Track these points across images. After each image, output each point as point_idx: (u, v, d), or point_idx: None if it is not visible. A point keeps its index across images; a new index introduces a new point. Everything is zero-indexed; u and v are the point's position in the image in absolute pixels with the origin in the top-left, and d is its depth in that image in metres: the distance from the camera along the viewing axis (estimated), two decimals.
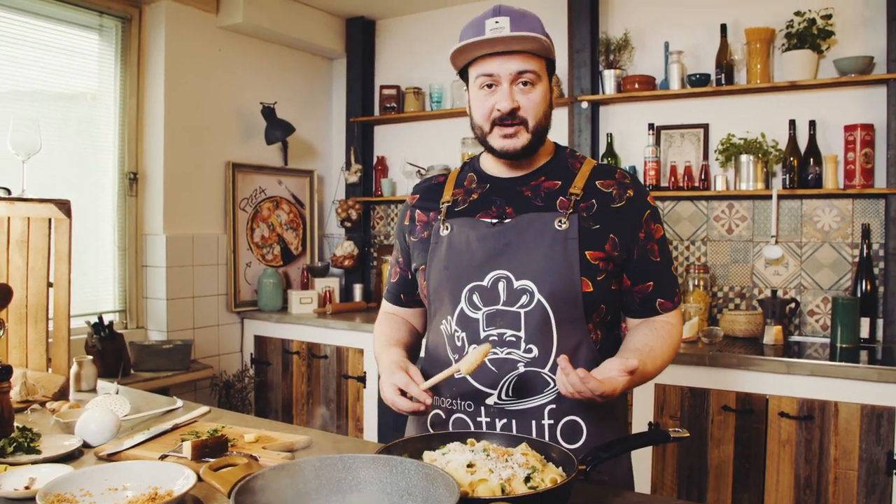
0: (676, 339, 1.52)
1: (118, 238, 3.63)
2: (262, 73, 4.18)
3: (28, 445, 1.58)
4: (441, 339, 1.53)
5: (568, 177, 1.50)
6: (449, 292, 1.48)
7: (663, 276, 1.51)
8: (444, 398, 1.53)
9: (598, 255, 1.43)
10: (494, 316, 1.43)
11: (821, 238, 3.25)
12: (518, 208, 1.48)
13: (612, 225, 1.45)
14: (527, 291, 1.41)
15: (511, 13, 1.41)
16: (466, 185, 1.59)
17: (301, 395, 3.91)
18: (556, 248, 1.41)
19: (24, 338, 2.14)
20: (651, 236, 1.49)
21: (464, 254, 1.47)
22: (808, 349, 3.00)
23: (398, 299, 1.74)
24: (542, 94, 1.44)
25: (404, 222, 1.66)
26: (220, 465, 1.15)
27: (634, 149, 3.65)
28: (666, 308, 1.52)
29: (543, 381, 1.43)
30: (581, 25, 3.66)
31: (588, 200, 1.46)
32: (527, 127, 1.44)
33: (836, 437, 2.63)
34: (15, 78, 3.20)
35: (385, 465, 1.08)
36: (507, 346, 1.43)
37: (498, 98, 1.42)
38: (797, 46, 3.19)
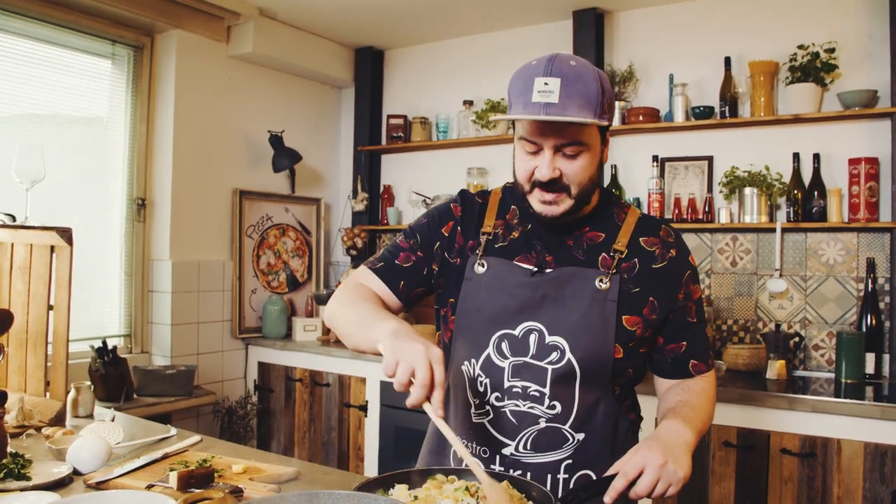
0: (711, 393, 1.47)
1: (125, 263, 3.67)
2: (272, 102, 4.24)
3: (18, 472, 1.58)
4: (462, 380, 1.49)
5: (612, 229, 1.44)
6: (478, 336, 1.44)
7: (698, 338, 1.47)
8: (460, 438, 1.49)
9: (635, 321, 1.40)
10: (521, 368, 1.40)
11: (826, 272, 3.23)
12: (558, 258, 1.43)
13: (653, 287, 1.41)
14: (558, 348, 1.38)
15: (563, 73, 1.27)
16: (508, 218, 1.50)
17: (303, 422, 3.90)
18: (594, 309, 1.38)
19: (23, 363, 2.16)
20: (690, 296, 1.45)
21: (497, 299, 1.42)
22: (813, 384, 2.97)
23: (396, 284, 1.53)
24: (589, 161, 1.34)
25: (443, 230, 1.53)
26: (196, 499, 1.15)
27: (639, 181, 3.66)
28: (699, 370, 1.47)
29: (563, 436, 1.41)
30: (585, 57, 3.67)
31: (631, 260, 1.42)
32: (569, 193, 1.35)
33: (839, 476, 2.58)
34: (28, 103, 3.26)
35: (356, 501, 1.07)
36: (531, 401, 1.40)
37: (539, 164, 1.33)
38: (801, 80, 3.20)
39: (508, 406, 1.42)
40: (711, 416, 1.45)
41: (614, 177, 3.65)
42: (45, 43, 3.30)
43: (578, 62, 1.30)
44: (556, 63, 1.29)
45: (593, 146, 1.35)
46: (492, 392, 1.43)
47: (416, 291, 1.56)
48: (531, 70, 1.30)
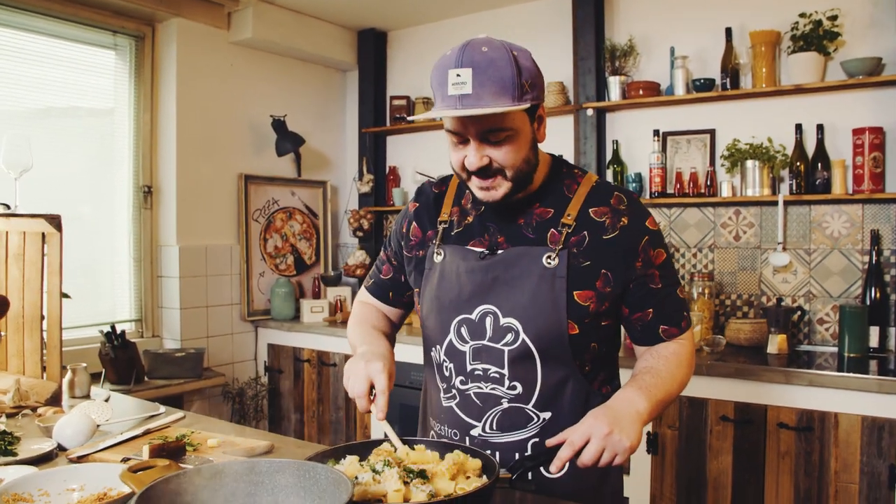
0: (685, 359, 1.44)
1: (133, 249, 3.74)
2: (275, 86, 4.27)
3: (5, 448, 1.65)
4: (432, 365, 1.54)
5: (561, 203, 1.43)
6: (439, 323, 1.47)
7: (666, 303, 1.44)
8: (435, 422, 1.54)
9: (588, 295, 1.38)
10: (480, 351, 1.42)
11: (830, 244, 3.18)
12: (510, 238, 1.43)
13: (604, 259, 1.38)
14: (512, 329, 1.39)
15: (474, 62, 1.25)
16: (463, 203, 1.52)
17: (312, 402, 3.96)
18: (542, 287, 1.37)
19: (21, 346, 2.23)
20: (650, 263, 1.41)
21: (454, 285, 1.44)
22: (818, 359, 2.93)
23: (386, 296, 1.67)
24: (519, 144, 1.33)
25: (402, 229, 1.61)
26: (140, 467, 1.18)
27: (640, 155, 3.62)
28: (671, 335, 1.44)
29: (527, 416, 1.42)
30: (585, 33, 3.66)
31: (580, 233, 1.39)
32: (505, 176, 1.34)
33: (837, 450, 2.56)
34: (35, 98, 3.33)
35: (297, 469, 1.10)
36: (492, 382, 1.42)
37: (468, 153, 1.33)
38: (803, 49, 3.13)
39: (472, 388, 1.45)
40: (682, 380, 1.43)
41: (615, 152, 3.62)
42: (49, 36, 3.36)
43: (491, 47, 1.28)
44: (466, 52, 1.27)
45: (520, 129, 1.33)
46: (456, 376, 1.46)
47: (407, 295, 1.66)
48: (445, 61, 1.29)
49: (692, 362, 1.46)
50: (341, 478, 1.05)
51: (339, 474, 1.06)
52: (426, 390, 1.61)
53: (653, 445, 2.88)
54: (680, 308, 1.46)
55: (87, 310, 3.54)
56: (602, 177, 3.66)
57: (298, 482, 1.11)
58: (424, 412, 1.63)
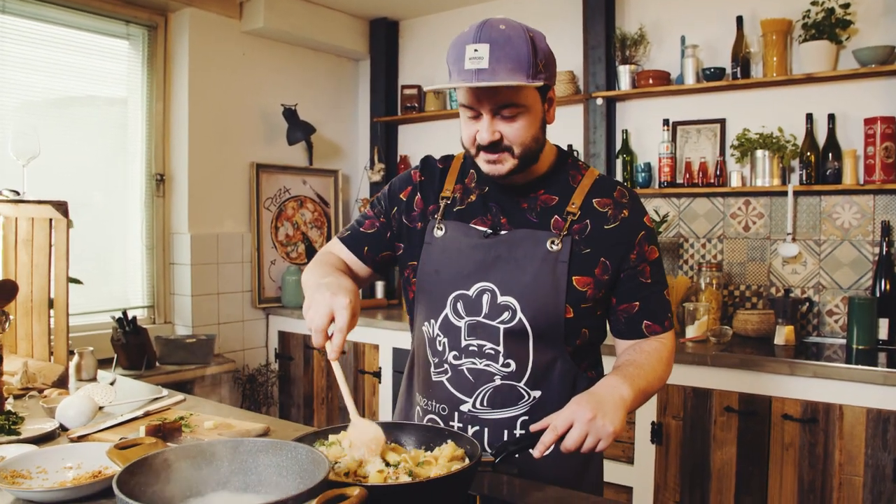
0: (666, 357, 1.47)
1: (146, 237, 3.79)
2: (287, 76, 4.29)
3: (9, 428, 1.69)
4: (423, 340, 1.55)
5: (566, 192, 1.47)
6: (436, 297, 1.49)
7: (653, 299, 1.47)
8: (422, 397, 1.55)
9: (586, 281, 1.42)
10: (476, 327, 1.44)
11: (840, 235, 3.15)
12: (513, 220, 1.46)
13: (604, 248, 1.43)
14: (509, 308, 1.41)
15: (492, 38, 1.29)
16: (467, 182, 1.54)
17: (321, 389, 4.00)
18: (544, 270, 1.41)
19: (30, 330, 2.28)
20: (643, 258, 1.46)
21: (454, 261, 1.47)
22: (827, 350, 2.92)
23: (360, 250, 1.60)
24: (529, 121, 1.36)
25: (402, 195, 1.58)
26: (127, 445, 1.21)
27: (650, 145, 3.61)
28: (653, 331, 1.48)
29: (518, 393, 1.44)
30: (596, 21, 3.64)
31: (583, 221, 1.44)
32: (512, 153, 1.38)
33: (841, 442, 2.54)
34: (49, 85, 3.38)
35: (278, 448, 1.12)
36: (486, 359, 1.44)
37: (480, 128, 1.36)
38: (815, 37, 3.10)
39: (466, 364, 1.46)
40: (661, 376, 1.45)
41: (625, 141, 3.61)
42: (62, 26, 3.40)
43: (508, 25, 1.32)
44: (485, 29, 1.31)
45: (532, 107, 1.36)
46: (450, 351, 1.48)
47: (382, 255, 1.62)
48: (463, 38, 1.33)
49: (671, 361, 1.49)
50: (320, 457, 1.07)
51: (318, 454, 1.08)
52: (412, 367, 1.62)
53: (657, 435, 2.88)
54: (665, 308, 1.50)
55: (100, 296, 3.60)
56: (612, 167, 3.66)
57: (281, 461, 1.13)
58: (409, 389, 1.63)
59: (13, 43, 3.22)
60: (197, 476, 1.10)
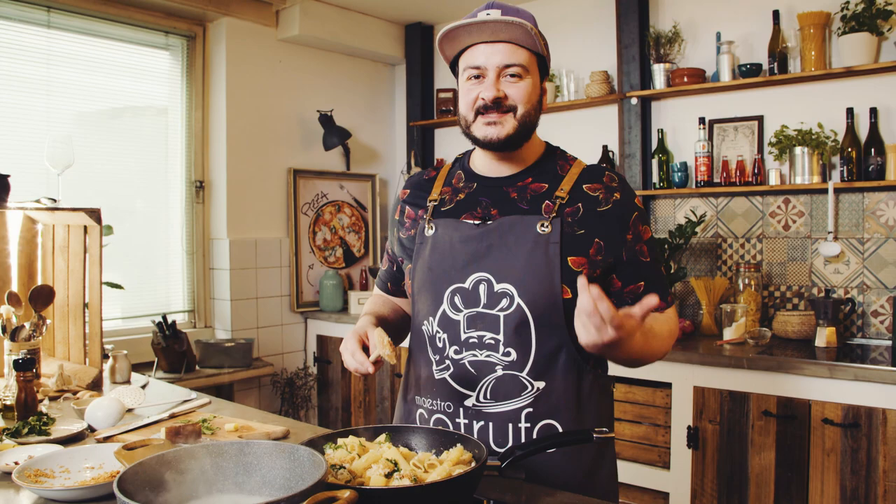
0: (670, 328, 1.49)
1: (186, 242, 3.88)
2: (323, 82, 4.35)
3: (40, 428, 1.75)
4: (423, 340, 1.54)
5: (555, 179, 1.49)
6: (432, 293, 1.49)
7: (655, 277, 1.49)
8: (425, 398, 1.54)
9: (581, 262, 1.42)
10: (475, 318, 1.44)
11: (884, 233, 3.04)
12: (503, 210, 1.47)
13: (598, 229, 1.44)
14: (507, 295, 1.41)
15: (502, 6, 1.41)
16: (455, 183, 1.57)
17: (359, 392, 4.03)
18: (537, 253, 1.41)
19: (67, 334, 2.35)
20: (639, 237, 1.48)
21: (447, 255, 1.48)
22: (872, 353, 2.82)
23: (385, 287, 1.75)
24: (532, 86, 1.43)
25: (395, 216, 1.66)
26: (135, 446, 1.24)
27: (686, 144, 3.54)
28: (659, 308, 1.48)
29: (521, 384, 1.43)
30: (629, 20, 3.59)
31: (574, 204, 1.45)
32: (515, 114, 1.42)
33: (885, 448, 2.45)
34: (94, 97, 3.49)
35: (281, 451, 1.13)
36: (487, 349, 1.43)
37: (483, 87, 1.42)
38: (855, 29, 3.00)
39: (467, 357, 1.45)
40: (662, 342, 1.45)
41: (661, 140, 3.55)
42: (105, 39, 3.52)
43: (514, 3, 1.47)
44: (495, 2, 1.44)
45: (534, 77, 1.45)
46: (450, 346, 1.47)
47: (402, 284, 1.69)
48: (474, 11, 1.45)
49: (673, 337, 1.50)
50: (319, 459, 1.08)
51: (318, 457, 1.09)
52: (409, 370, 1.61)
53: (693, 440, 2.82)
54: (665, 284, 1.52)
55: (142, 300, 3.70)
56: (647, 166, 3.60)
57: (285, 463, 1.14)
58: (406, 393, 1.62)
59: (58, 57, 3.34)
60: (200, 478, 1.12)
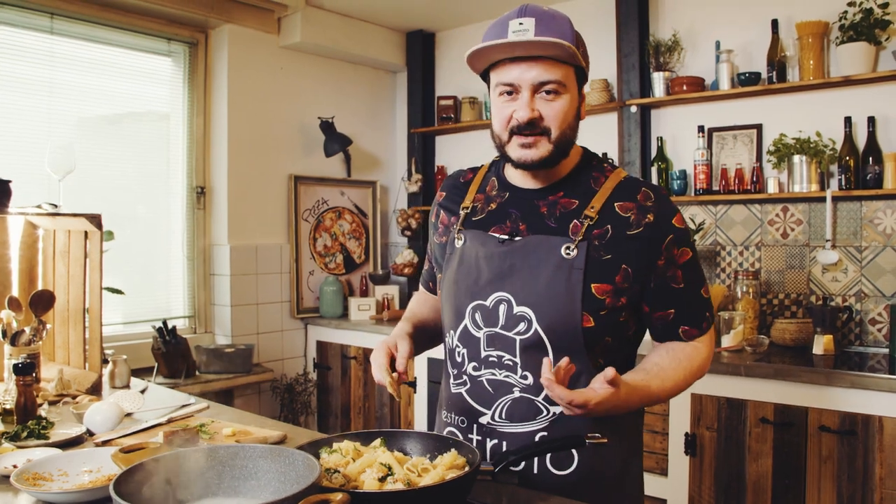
0: (698, 362, 1.42)
1: (187, 248, 3.90)
2: (325, 88, 4.37)
3: (39, 432, 1.76)
4: (446, 353, 1.54)
5: (587, 195, 1.41)
6: (455, 307, 1.47)
7: (688, 303, 1.41)
8: (444, 411, 1.54)
9: (605, 289, 1.35)
10: (494, 338, 1.41)
11: (882, 241, 3.05)
12: (531, 226, 1.42)
13: (626, 255, 1.36)
14: (525, 319, 1.37)
15: (538, 14, 1.31)
16: (488, 190, 1.52)
17: (358, 398, 4.04)
18: (558, 278, 1.35)
19: (67, 338, 2.37)
20: (673, 262, 1.39)
21: (472, 270, 1.44)
22: (870, 360, 2.82)
23: (428, 286, 1.74)
24: (569, 103, 1.35)
25: (431, 219, 1.66)
26: (132, 448, 1.25)
27: (685, 152, 3.55)
28: (691, 336, 1.42)
29: (537, 408, 1.40)
30: (629, 29, 3.61)
31: (602, 226, 1.37)
32: (549, 137, 1.35)
33: (882, 455, 2.46)
34: (96, 103, 3.52)
35: (276, 455, 1.14)
36: (506, 370, 1.40)
37: (517, 106, 1.34)
38: (853, 39, 3.02)
39: (485, 375, 1.43)
40: (686, 378, 1.40)
41: (660, 149, 3.56)
42: (108, 45, 3.54)
43: (551, 9, 1.35)
44: (528, 8, 1.33)
45: (571, 91, 1.36)
46: (469, 362, 1.45)
47: None
48: (506, 16, 1.35)
49: (705, 365, 1.44)
50: (314, 463, 1.09)
51: (312, 461, 1.10)
52: (442, 380, 1.60)
53: (691, 447, 2.83)
54: (702, 309, 1.43)
55: (143, 306, 3.72)
56: (647, 174, 3.62)
57: (279, 467, 1.15)
58: (438, 402, 1.62)
59: (61, 62, 3.36)
60: (196, 480, 1.13)
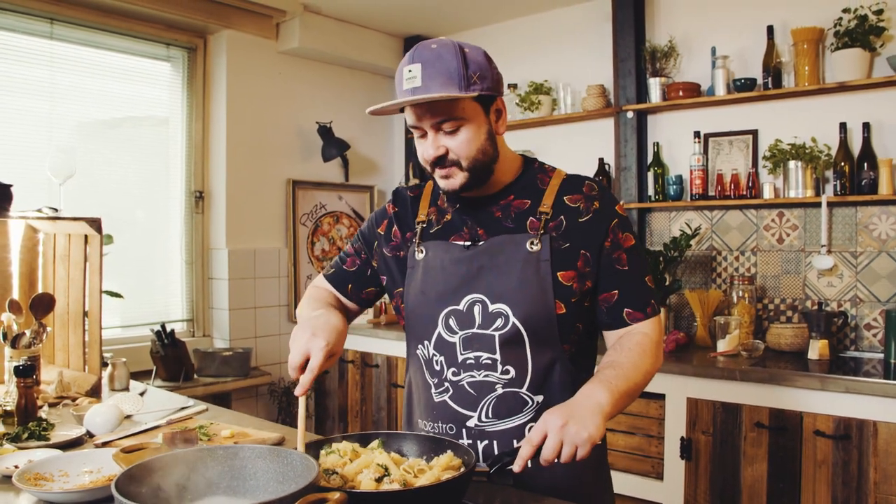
0: (649, 349, 1.45)
1: (185, 252, 3.91)
2: (322, 93, 4.39)
3: (40, 433, 1.77)
4: (419, 364, 1.56)
5: (537, 194, 1.50)
6: (426, 317, 1.50)
7: (632, 286, 1.47)
8: (426, 421, 1.55)
9: (571, 275, 1.44)
10: (471, 339, 1.45)
11: (877, 247, 3.07)
12: (489, 230, 1.49)
13: (582, 240, 1.45)
14: (502, 315, 1.43)
15: (423, 58, 1.36)
16: (440, 203, 1.58)
17: (355, 402, 4.05)
18: (528, 271, 1.42)
19: (66, 341, 2.38)
20: (618, 245, 1.47)
21: (439, 278, 1.49)
22: (865, 365, 2.84)
23: (344, 288, 1.69)
24: (472, 133, 1.40)
25: (379, 229, 1.65)
26: (133, 448, 1.26)
27: (681, 157, 3.58)
28: (635, 318, 1.47)
29: (522, 400, 1.44)
30: (625, 35, 3.64)
31: (557, 218, 1.46)
32: (460, 167, 1.41)
33: (876, 460, 2.47)
34: (96, 108, 3.53)
35: (275, 455, 1.16)
36: (485, 369, 1.45)
37: (425, 146, 1.41)
38: (848, 45, 3.04)
39: (465, 378, 1.46)
40: (647, 370, 1.43)
41: (656, 154, 3.59)
42: (107, 50, 3.56)
43: (439, 44, 1.38)
44: (417, 50, 1.38)
45: (472, 119, 1.40)
46: (448, 368, 1.48)
47: (366, 291, 1.69)
48: (402, 62, 1.41)
49: (658, 352, 1.47)
50: (311, 463, 1.10)
51: (310, 461, 1.11)
52: (411, 392, 1.63)
53: (686, 451, 2.84)
54: (646, 294, 1.49)
55: (142, 309, 3.73)
56: (643, 179, 3.64)
57: (278, 467, 1.16)
58: (410, 414, 1.64)
59: (61, 67, 3.38)
60: (196, 480, 1.14)
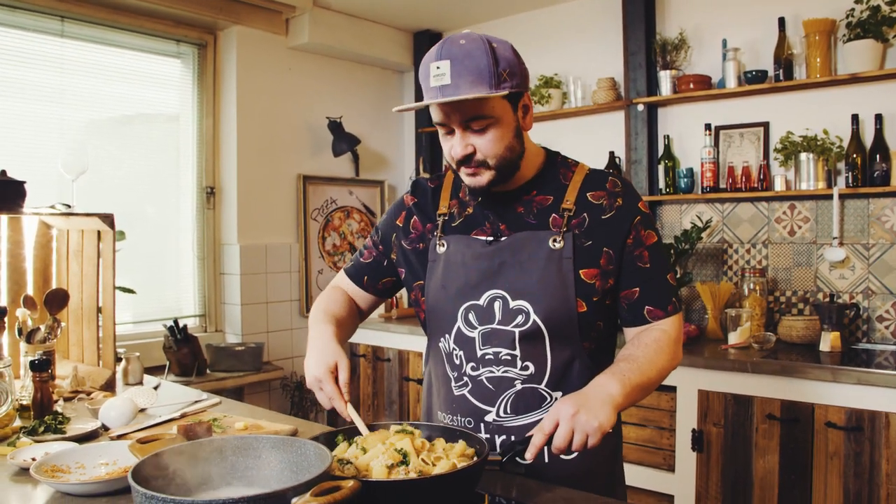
0: (667, 346, 1.45)
1: (197, 248, 3.94)
2: (332, 89, 4.40)
3: (56, 427, 1.80)
4: (440, 357, 1.57)
5: (559, 190, 1.49)
6: (446, 311, 1.51)
7: (653, 283, 1.47)
8: (445, 414, 1.56)
9: (593, 273, 1.43)
10: (490, 335, 1.46)
11: (889, 239, 3.05)
12: (511, 225, 1.48)
13: (604, 238, 1.44)
14: (522, 311, 1.43)
15: (452, 54, 1.32)
16: (461, 196, 1.56)
17: (367, 396, 4.07)
18: (550, 269, 1.42)
19: (81, 336, 2.40)
20: (640, 242, 1.46)
21: (460, 273, 1.49)
22: (878, 357, 2.83)
23: (361, 280, 1.70)
24: (501, 131, 1.38)
25: (397, 221, 1.63)
26: (149, 439, 1.28)
27: (692, 150, 3.57)
28: (656, 316, 1.47)
29: (541, 396, 1.45)
30: (636, 27, 3.63)
31: (580, 215, 1.45)
32: (487, 166, 1.40)
33: (888, 451, 2.46)
34: (108, 104, 3.56)
35: (289, 445, 1.17)
36: (504, 365, 1.45)
37: (453, 143, 1.39)
38: (860, 36, 3.02)
39: (484, 373, 1.47)
40: (661, 366, 1.43)
41: (667, 147, 3.58)
42: (118, 48, 3.58)
43: (468, 39, 1.34)
44: (445, 46, 1.34)
45: (501, 117, 1.38)
46: (467, 363, 1.49)
47: (382, 282, 1.69)
48: (428, 57, 1.37)
49: (676, 350, 1.47)
50: (324, 452, 1.11)
51: (324, 450, 1.12)
52: (430, 384, 1.64)
53: (698, 443, 2.84)
54: (667, 292, 1.48)
55: (154, 305, 3.75)
56: (654, 172, 3.63)
57: (291, 457, 1.17)
58: (430, 407, 1.65)
59: (72, 65, 3.41)
60: (210, 470, 1.15)
